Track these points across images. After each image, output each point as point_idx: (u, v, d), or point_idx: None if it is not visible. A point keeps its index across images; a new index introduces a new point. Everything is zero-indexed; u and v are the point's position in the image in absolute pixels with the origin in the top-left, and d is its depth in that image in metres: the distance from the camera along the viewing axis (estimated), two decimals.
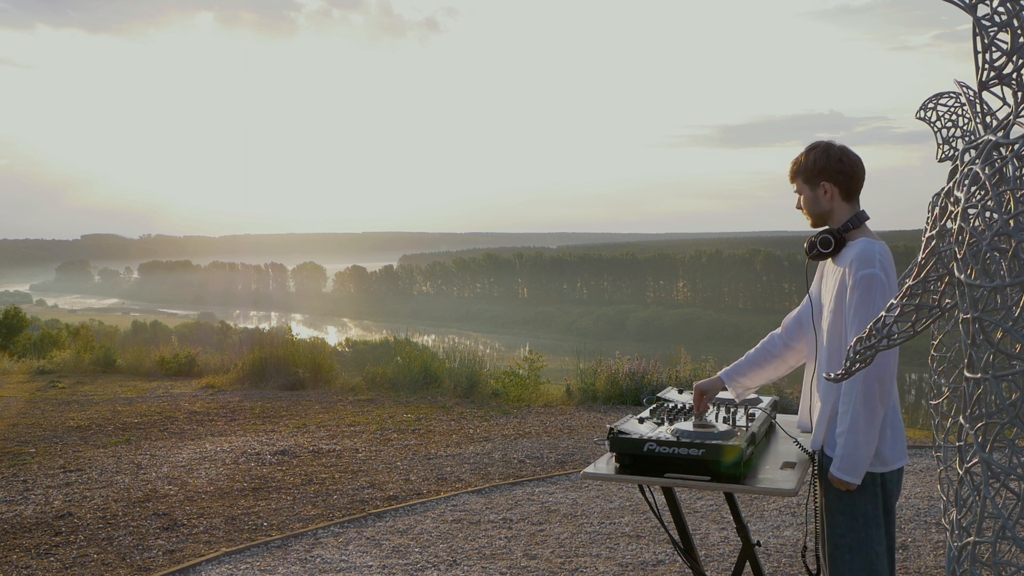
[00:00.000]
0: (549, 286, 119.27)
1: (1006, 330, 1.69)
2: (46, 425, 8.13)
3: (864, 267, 2.53)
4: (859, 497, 2.58)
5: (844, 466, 2.52)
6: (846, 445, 2.51)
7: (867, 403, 2.48)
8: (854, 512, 2.59)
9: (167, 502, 5.57)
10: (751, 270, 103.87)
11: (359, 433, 7.64)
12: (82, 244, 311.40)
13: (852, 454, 2.51)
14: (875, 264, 2.53)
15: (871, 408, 2.48)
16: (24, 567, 4.48)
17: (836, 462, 2.55)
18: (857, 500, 2.58)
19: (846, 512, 2.60)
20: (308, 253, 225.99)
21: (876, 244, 2.60)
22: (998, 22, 1.74)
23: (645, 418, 2.83)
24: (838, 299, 2.62)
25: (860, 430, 2.49)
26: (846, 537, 2.60)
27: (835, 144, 2.72)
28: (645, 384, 9.01)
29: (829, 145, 2.71)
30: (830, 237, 2.68)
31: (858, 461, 2.51)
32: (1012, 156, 1.72)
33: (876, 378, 2.47)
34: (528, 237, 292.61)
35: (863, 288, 2.50)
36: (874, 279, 2.50)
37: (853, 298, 2.53)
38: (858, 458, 2.51)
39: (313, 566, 4.42)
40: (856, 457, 2.51)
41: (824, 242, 2.69)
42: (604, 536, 4.84)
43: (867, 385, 2.47)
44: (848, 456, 2.51)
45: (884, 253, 2.58)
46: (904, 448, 2.65)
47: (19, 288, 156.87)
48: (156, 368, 12.16)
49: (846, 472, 2.52)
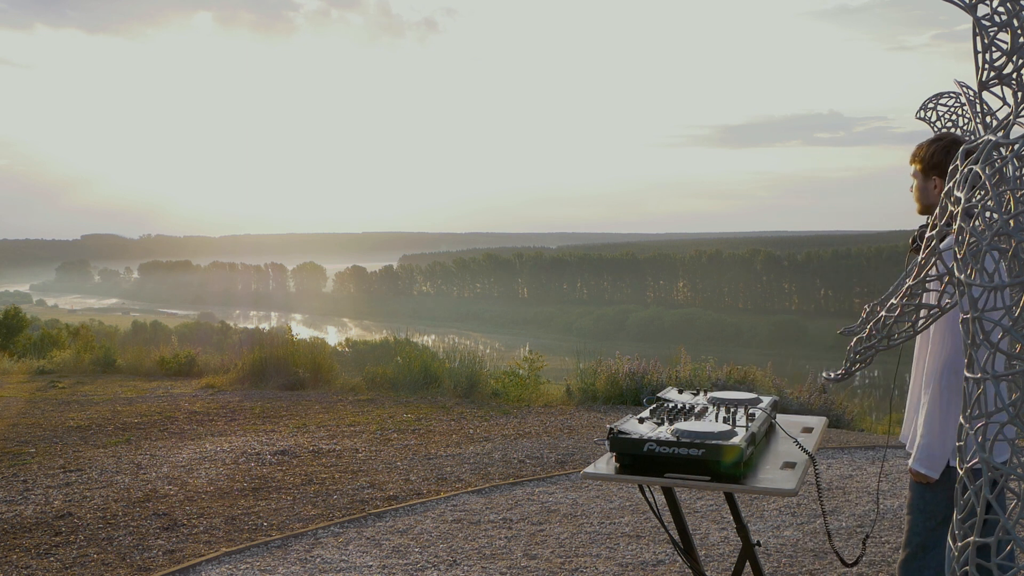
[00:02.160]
0: (549, 286, 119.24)
1: (1006, 330, 1.69)
2: (46, 425, 8.13)
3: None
4: (937, 495, 2.55)
5: (920, 457, 2.51)
6: (923, 435, 2.50)
7: (943, 395, 2.46)
8: (930, 510, 2.57)
9: (167, 502, 5.57)
10: (751, 270, 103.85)
11: (359, 433, 7.64)
12: (82, 244, 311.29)
13: (928, 445, 2.49)
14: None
15: (946, 400, 2.46)
16: (24, 567, 4.48)
17: (914, 453, 2.54)
18: (935, 498, 2.56)
19: (923, 510, 2.58)
20: (308, 253, 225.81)
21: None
22: (998, 22, 1.74)
23: (645, 418, 2.83)
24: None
25: (936, 422, 2.47)
26: (921, 535, 2.58)
27: (959, 142, 2.66)
28: (645, 384, 9.01)
29: (952, 141, 2.66)
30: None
31: (934, 454, 2.49)
32: (1012, 156, 1.72)
33: (952, 370, 2.46)
34: (528, 237, 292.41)
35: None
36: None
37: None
38: (933, 450, 2.49)
39: (313, 566, 4.42)
40: (931, 448, 2.49)
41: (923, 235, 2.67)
42: (604, 536, 4.84)
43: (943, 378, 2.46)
44: (924, 447, 2.50)
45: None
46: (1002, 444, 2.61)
47: (19, 288, 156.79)
48: (156, 368, 12.16)
49: (922, 464, 2.51)
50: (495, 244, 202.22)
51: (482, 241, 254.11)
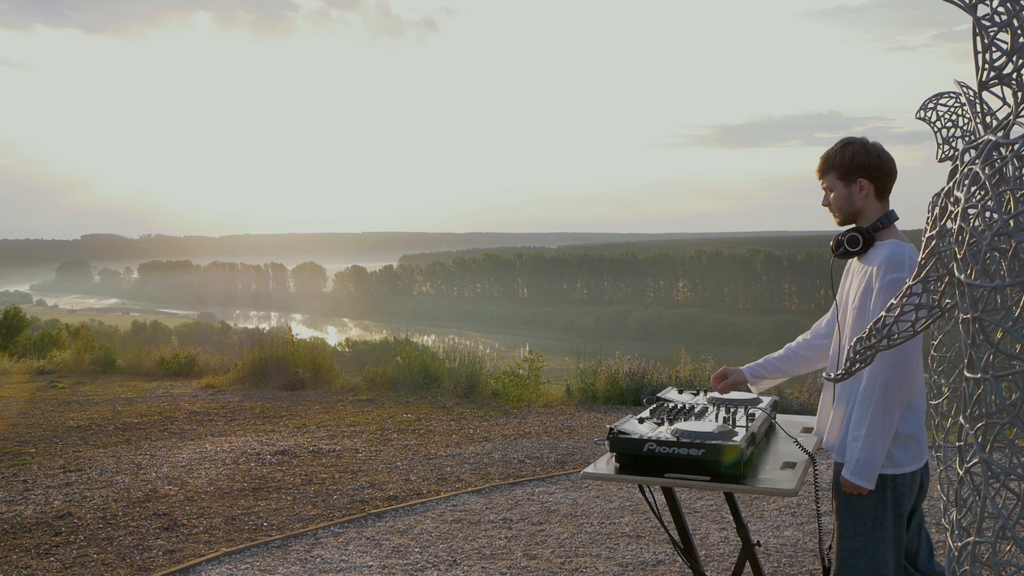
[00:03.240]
0: (549, 286, 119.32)
1: (1006, 330, 1.69)
2: (46, 425, 8.13)
3: (893, 270, 2.48)
4: (867, 500, 2.56)
5: (858, 471, 2.50)
6: (862, 450, 2.49)
7: (886, 408, 2.45)
8: (861, 515, 2.57)
9: (167, 502, 5.57)
10: (751, 270, 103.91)
11: (359, 433, 7.63)
12: (82, 244, 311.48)
13: (867, 459, 2.48)
14: (904, 268, 2.48)
15: (889, 413, 2.46)
16: (24, 567, 4.48)
17: (849, 466, 2.52)
18: (864, 503, 2.57)
19: (854, 515, 2.59)
20: (308, 253, 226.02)
21: (907, 247, 2.54)
22: (998, 22, 1.74)
23: (645, 418, 2.83)
24: (862, 299, 2.58)
25: (876, 435, 2.47)
26: (853, 540, 2.59)
27: (870, 140, 2.66)
28: (645, 384, 9.01)
29: (866, 141, 2.65)
30: (858, 235, 2.62)
31: (872, 466, 2.49)
32: (1012, 156, 1.72)
33: (896, 384, 2.46)
34: (528, 237, 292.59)
35: (891, 292, 2.45)
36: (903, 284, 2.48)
37: (880, 301, 2.49)
38: (873, 463, 2.49)
39: (313, 566, 4.42)
40: (871, 462, 2.49)
41: (852, 240, 2.63)
42: (604, 536, 4.84)
43: (886, 393, 2.46)
44: (863, 461, 2.49)
45: (914, 257, 2.53)
46: (920, 451, 2.60)
47: (19, 288, 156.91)
48: (156, 368, 12.17)
49: (859, 476, 2.50)
50: (495, 244, 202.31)
51: (482, 241, 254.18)
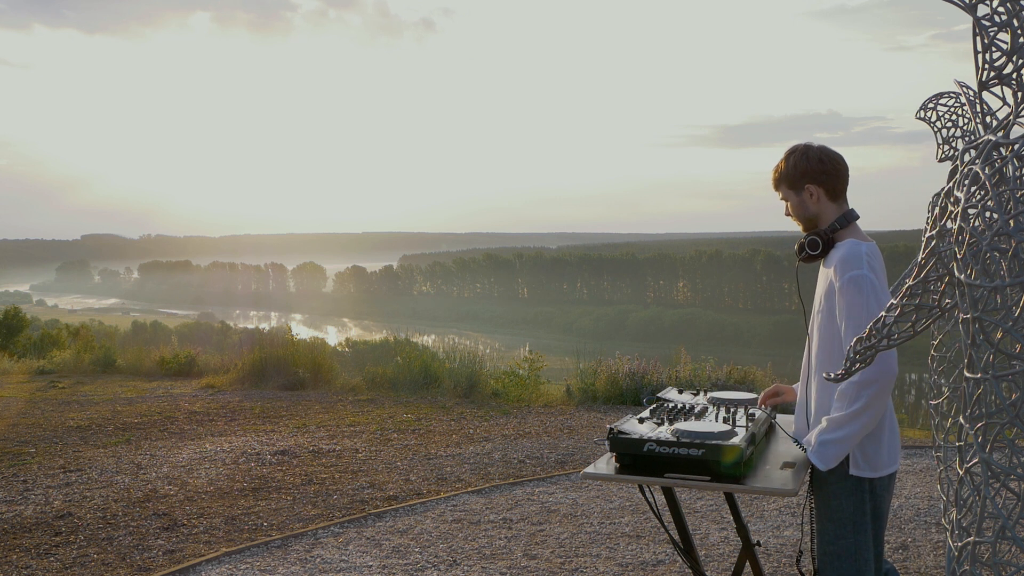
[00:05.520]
0: (549, 286, 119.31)
1: (1006, 330, 1.69)
2: (46, 425, 8.13)
3: (851, 268, 2.49)
4: (847, 503, 2.57)
5: (821, 453, 2.51)
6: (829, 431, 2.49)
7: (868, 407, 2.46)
8: (840, 519, 2.58)
9: (167, 502, 5.57)
10: (751, 270, 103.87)
11: (359, 433, 7.64)
12: (82, 244, 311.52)
13: (831, 440, 2.49)
14: (862, 265, 2.48)
15: (872, 415, 2.46)
16: (24, 567, 4.48)
17: (814, 447, 2.53)
18: (845, 506, 2.57)
19: (833, 519, 2.59)
20: (308, 253, 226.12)
21: (863, 244, 2.55)
22: (998, 22, 1.74)
23: (645, 418, 2.83)
24: (827, 301, 2.60)
25: (856, 436, 2.47)
26: (835, 544, 2.60)
27: (813, 145, 2.68)
28: (645, 384, 9.01)
29: (807, 147, 2.68)
30: (817, 239, 2.64)
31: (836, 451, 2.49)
32: (1012, 156, 1.72)
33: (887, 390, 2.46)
34: (528, 237, 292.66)
35: (853, 290, 2.46)
36: (863, 280, 2.46)
37: (843, 301, 2.49)
38: (839, 452, 2.49)
39: (313, 566, 4.42)
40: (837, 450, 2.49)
41: (811, 244, 2.65)
42: (604, 536, 4.84)
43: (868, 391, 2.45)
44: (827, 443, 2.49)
45: (872, 253, 2.54)
46: (896, 454, 2.63)
47: (19, 288, 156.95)
48: (156, 368, 12.17)
49: (821, 459, 2.51)
50: (495, 244, 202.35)
51: (482, 241, 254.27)
